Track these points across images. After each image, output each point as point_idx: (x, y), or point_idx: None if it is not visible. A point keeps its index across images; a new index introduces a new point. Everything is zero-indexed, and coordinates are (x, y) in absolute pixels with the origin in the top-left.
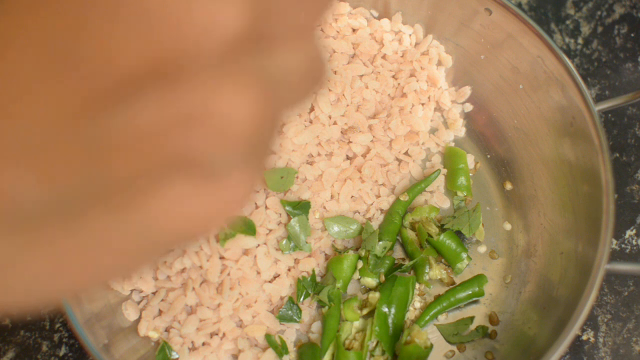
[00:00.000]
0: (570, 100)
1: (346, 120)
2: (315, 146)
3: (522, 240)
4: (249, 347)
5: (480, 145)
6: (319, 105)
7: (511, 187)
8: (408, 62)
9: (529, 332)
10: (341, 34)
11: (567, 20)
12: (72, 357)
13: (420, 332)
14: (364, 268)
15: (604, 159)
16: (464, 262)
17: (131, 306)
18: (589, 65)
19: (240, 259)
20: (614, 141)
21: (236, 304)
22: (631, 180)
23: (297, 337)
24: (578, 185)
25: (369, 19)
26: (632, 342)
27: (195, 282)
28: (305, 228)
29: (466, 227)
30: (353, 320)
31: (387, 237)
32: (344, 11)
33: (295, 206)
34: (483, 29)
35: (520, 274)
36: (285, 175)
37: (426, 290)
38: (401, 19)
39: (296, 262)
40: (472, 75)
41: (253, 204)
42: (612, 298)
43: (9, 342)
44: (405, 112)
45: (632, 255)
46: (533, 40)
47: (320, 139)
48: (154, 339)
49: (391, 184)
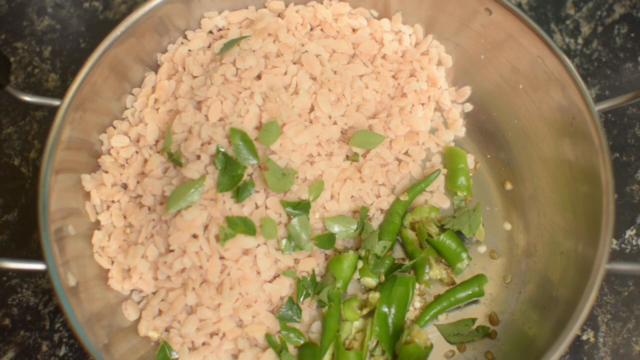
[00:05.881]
0: (570, 100)
1: (346, 120)
2: (315, 146)
3: (522, 240)
4: (249, 347)
5: (480, 145)
6: (319, 105)
7: (511, 187)
8: (408, 62)
9: (529, 332)
10: (341, 34)
11: (567, 20)
12: (72, 357)
13: (420, 332)
14: (364, 268)
15: (604, 159)
16: (464, 262)
17: (131, 306)
18: (589, 65)
19: (240, 259)
20: (614, 141)
21: (236, 304)
22: (631, 180)
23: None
24: (578, 185)
25: (369, 19)
26: (632, 342)
27: (195, 282)
28: (305, 228)
29: (466, 227)
30: (353, 320)
31: (387, 237)
32: (344, 11)
33: (295, 206)
34: (483, 29)
35: (520, 274)
36: (285, 175)
37: (426, 290)
38: (401, 19)
39: (296, 262)
40: (472, 75)
41: (253, 204)
42: (612, 298)
43: (9, 342)
44: (405, 112)
45: (632, 255)
46: (533, 40)
47: (320, 139)
48: (154, 339)
49: (391, 184)
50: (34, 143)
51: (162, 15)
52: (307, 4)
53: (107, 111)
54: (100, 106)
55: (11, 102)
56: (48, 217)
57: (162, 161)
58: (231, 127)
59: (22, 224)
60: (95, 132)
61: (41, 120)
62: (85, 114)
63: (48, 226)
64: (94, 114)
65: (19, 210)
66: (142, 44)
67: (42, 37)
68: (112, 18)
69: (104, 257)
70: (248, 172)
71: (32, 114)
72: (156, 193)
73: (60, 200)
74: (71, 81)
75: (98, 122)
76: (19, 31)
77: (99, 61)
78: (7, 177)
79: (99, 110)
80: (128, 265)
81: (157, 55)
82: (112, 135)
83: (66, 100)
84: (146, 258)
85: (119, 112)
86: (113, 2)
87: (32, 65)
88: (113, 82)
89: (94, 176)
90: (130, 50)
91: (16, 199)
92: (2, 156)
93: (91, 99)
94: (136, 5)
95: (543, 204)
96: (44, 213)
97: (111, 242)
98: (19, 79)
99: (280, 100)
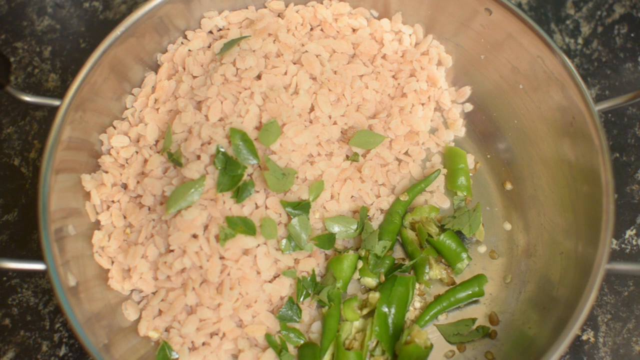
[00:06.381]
0: (570, 100)
1: (346, 120)
2: (315, 146)
3: (522, 240)
4: (249, 347)
5: (480, 145)
6: (319, 105)
7: (511, 187)
8: (408, 62)
9: (529, 332)
10: (341, 34)
11: (567, 20)
12: (72, 357)
13: (420, 332)
14: (364, 268)
15: (604, 159)
16: (464, 262)
17: (131, 306)
18: (589, 65)
19: (240, 259)
20: (614, 141)
21: (236, 304)
22: (631, 180)
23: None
24: (578, 185)
25: (369, 19)
26: (632, 342)
27: (195, 282)
28: (306, 228)
29: (466, 227)
30: (353, 320)
31: (387, 237)
32: (344, 11)
33: (295, 206)
34: (483, 29)
35: (520, 274)
36: (285, 175)
37: (426, 290)
38: (401, 19)
39: (296, 262)
40: (472, 75)
41: (253, 204)
42: (612, 298)
43: (9, 342)
44: (405, 112)
45: (632, 255)
46: (533, 40)
47: (320, 139)
48: (154, 339)
49: (391, 184)
50: (34, 143)
51: (162, 15)
52: (307, 4)
53: (107, 111)
54: (100, 106)
55: (11, 102)
56: (48, 217)
57: (162, 161)
58: (231, 127)
59: (22, 224)
60: (95, 132)
61: (41, 120)
62: (85, 114)
63: (48, 226)
64: (94, 114)
65: (19, 210)
66: (142, 44)
67: (42, 37)
68: (112, 18)
69: (104, 257)
70: (248, 172)
71: (32, 114)
72: (156, 193)
73: (60, 200)
74: (71, 81)
75: (98, 122)
76: (19, 31)
77: (99, 61)
78: (7, 177)
79: (99, 110)
80: (128, 265)
81: (157, 55)
82: (112, 135)
83: (66, 100)
84: (146, 258)
85: (119, 112)
86: (113, 2)
87: (32, 65)
88: (113, 82)
89: (94, 176)
90: (130, 50)
91: (16, 199)
92: (2, 156)
93: (91, 99)
94: (136, 5)
95: (543, 204)
96: (44, 213)
97: (111, 242)
98: (19, 79)
99: (280, 100)
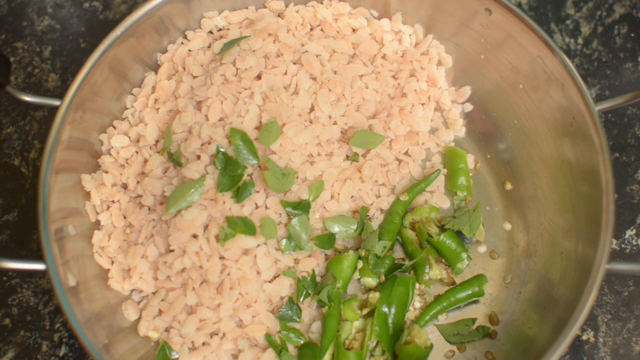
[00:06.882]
0: (570, 100)
1: (346, 120)
2: (315, 146)
3: (522, 240)
4: (249, 347)
5: (480, 145)
6: (319, 105)
7: (511, 187)
8: (408, 62)
9: (529, 332)
10: (341, 34)
11: (567, 20)
12: (72, 357)
13: (420, 332)
14: (364, 268)
15: (604, 159)
16: (464, 262)
17: (131, 306)
18: (589, 65)
19: (240, 259)
20: (614, 141)
21: (236, 304)
22: (631, 180)
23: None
24: (578, 185)
25: (369, 19)
26: (632, 342)
27: (195, 282)
28: (306, 228)
29: (466, 227)
30: (353, 320)
31: (387, 237)
32: (344, 11)
33: (295, 206)
34: (483, 29)
35: (520, 274)
36: (285, 175)
37: (426, 290)
38: (401, 19)
39: (296, 262)
40: (472, 75)
41: (253, 204)
42: (612, 298)
43: (9, 342)
44: (405, 112)
45: (632, 255)
46: (533, 40)
47: (320, 139)
48: (154, 339)
49: (391, 184)
50: (34, 143)
51: (162, 15)
52: (307, 4)
53: (107, 111)
54: (100, 106)
55: (11, 102)
56: (48, 217)
57: (162, 161)
58: (231, 127)
59: (22, 224)
60: (95, 132)
61: (41, 120)
62: (85, 114)
63: (48, 226)
64: (94, 114)
65: (19, 210)
66: (142, 44)
67: (42, 37)
68: (112, 18)
69: (104, 257)
70: (248, 172)
71: (32, 114)
72: (156, 193)
73: (60, 200)
74: (71, 81)
75: (98, 122)
76: (19, 31)
77: (99, 61)
78: (7, 177)
79: (99, 110)
80: (128, 265)
81: (157, 55)
82: (112, 135)
83: (66, 100)
84: (146, 258)
85: (119, 112)
86: (113, 2)
87: (32, 65)
88: (113, 82)
89: (94, 176)
90: (130, 50)
91: (16, 199)
92: (2, 156)
93: (91, 99)
94: (136, 5)
95: (543, 204)
96: (44, 213)
97: (111, 242)
98: (19, 79)
99: (280, 100)
